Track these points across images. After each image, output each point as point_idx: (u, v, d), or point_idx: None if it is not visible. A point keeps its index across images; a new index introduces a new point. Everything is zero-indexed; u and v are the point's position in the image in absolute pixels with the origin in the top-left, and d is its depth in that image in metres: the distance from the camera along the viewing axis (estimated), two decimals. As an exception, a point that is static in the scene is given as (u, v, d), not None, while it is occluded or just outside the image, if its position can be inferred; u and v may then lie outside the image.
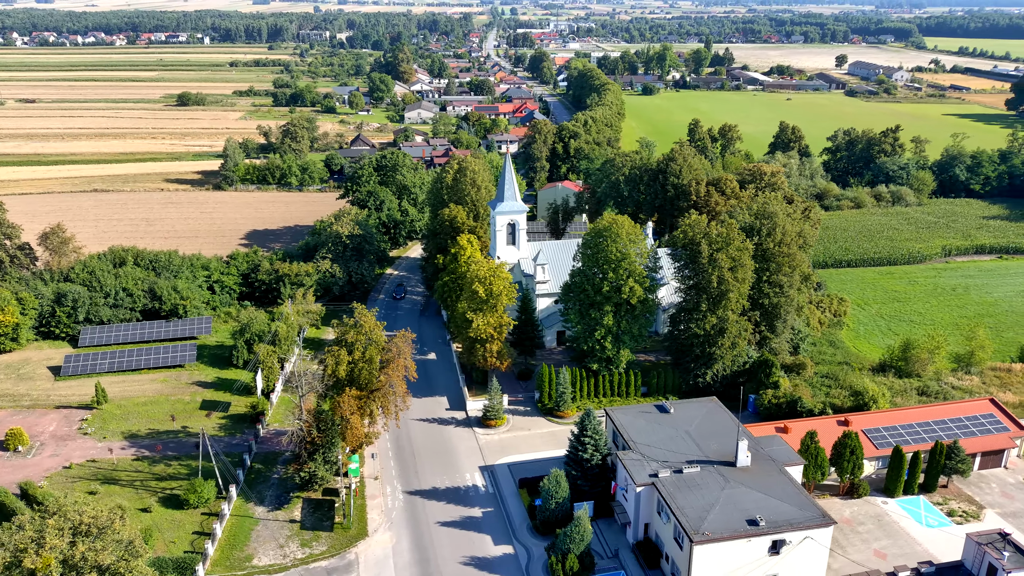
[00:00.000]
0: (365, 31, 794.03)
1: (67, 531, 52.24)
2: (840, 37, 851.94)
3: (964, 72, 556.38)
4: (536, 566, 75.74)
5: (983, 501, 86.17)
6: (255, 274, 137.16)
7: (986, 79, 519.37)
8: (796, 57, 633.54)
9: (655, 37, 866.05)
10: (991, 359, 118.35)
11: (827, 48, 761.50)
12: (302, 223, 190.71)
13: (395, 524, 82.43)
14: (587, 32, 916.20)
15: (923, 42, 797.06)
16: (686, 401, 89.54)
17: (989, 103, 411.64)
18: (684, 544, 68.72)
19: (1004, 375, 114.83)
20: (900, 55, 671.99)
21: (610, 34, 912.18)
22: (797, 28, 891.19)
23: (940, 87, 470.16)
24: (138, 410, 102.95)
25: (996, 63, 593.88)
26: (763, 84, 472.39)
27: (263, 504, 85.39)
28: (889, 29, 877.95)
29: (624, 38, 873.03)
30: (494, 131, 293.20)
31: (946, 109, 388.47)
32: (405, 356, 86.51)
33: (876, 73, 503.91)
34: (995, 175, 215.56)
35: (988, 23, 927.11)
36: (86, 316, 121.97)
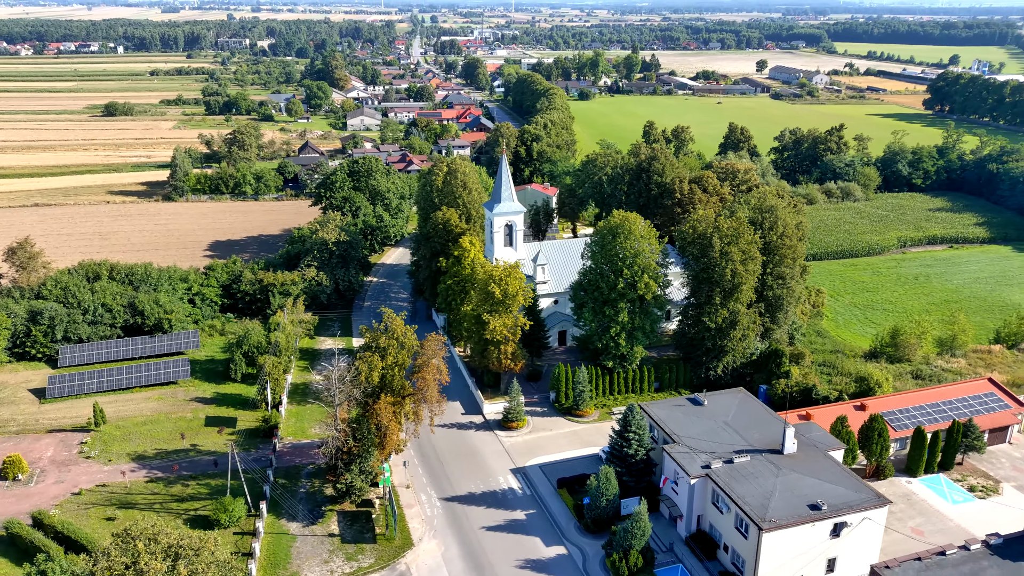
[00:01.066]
0: (287, 39, 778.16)
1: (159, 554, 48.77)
2: (755, 43, 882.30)
3: (877, 75, 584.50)
4: (593, 564, 75.11)
5: (997, 476, 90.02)
6: (237, 285, 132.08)
7: (898, 81, 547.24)
8: (718, 63, 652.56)
9: (579, 44, 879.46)
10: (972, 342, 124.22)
11: (744, 54, 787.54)
12: (266, 232, 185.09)
13: (439, 532, 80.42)
14: (512, 39, 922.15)
15: (833, 47, 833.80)
16: (717, 393, 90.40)
17: (906, 103, 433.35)
18: (750, 533, 69.30)
19: (987, 356, 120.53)
20: (814, 59, 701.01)
21: (535, 41, 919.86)
22: (714, 35, 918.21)
23: (858, 89, 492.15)
24: (139, 430, 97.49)
25: (904, 66, 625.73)
26: (693, 89, 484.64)
27: (296, 520, 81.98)
28: (800, 35, 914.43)
29: (549, 45, 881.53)
30: (444, 136, 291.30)
31: (868, 109, 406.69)
32: (437, 360, 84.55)
33: (797, 77, 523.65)
34: (934, 170, 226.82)
35: (889, 29, 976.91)
36: (64, 334, 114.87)
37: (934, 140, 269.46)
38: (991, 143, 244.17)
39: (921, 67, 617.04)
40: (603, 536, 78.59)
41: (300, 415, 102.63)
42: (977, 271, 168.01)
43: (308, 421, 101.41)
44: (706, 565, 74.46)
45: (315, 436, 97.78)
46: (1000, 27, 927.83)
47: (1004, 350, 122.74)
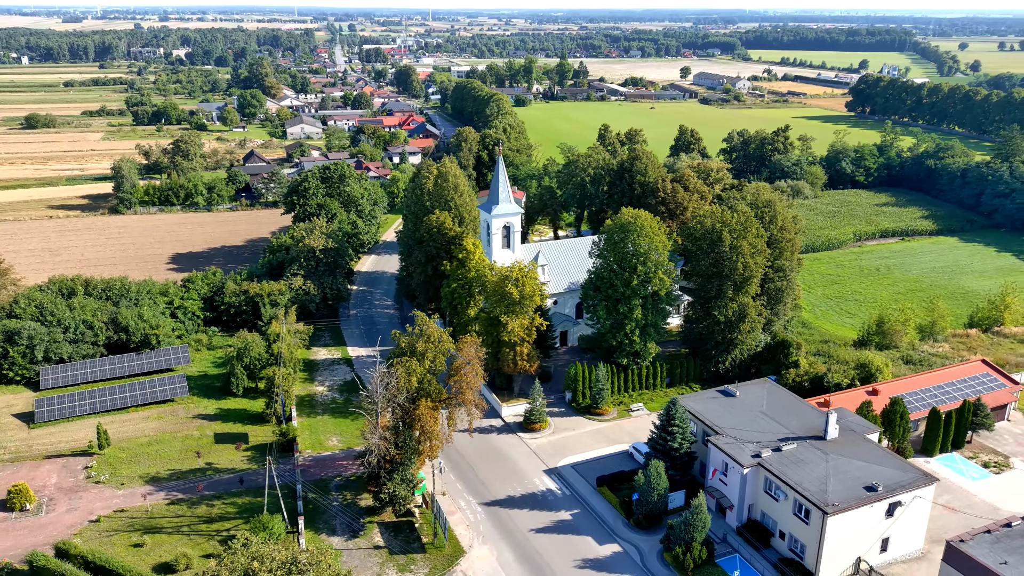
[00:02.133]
0: (204, 47, 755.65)
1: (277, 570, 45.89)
2: (673, 51, 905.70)
3: (794, 80, 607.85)
4: (651, 560, 74.91)
5: (1005, 451, 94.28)
6: (219, 297, 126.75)
7: (814, 85, 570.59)
8: (643, 70, 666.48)
9: (503, 52, 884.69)
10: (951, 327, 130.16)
11: (665, 61, 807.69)
12: (228, 243, 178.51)
13: (488, 537, 78.79)
14: (436, 47, 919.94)
15: (748, 54, 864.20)
16: (745, 384, 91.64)
17: (828, 106, 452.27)
18: (812, 518, 70.37)
19: (966, 340, 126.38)
20: (732, 66, 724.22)
21: (459, 49, 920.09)
22: (634, 43, 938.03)
23: (780, 93, 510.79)
24: (145, 451, 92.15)
25: (819, 71, 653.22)
26: (624, 95, 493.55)
27: (336, 534, 78.92)
28: (716, 43, 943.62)
29: (474, 53, 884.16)
30: (393, 143, 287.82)
31: (793, 113, 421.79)
32: (475, 362, 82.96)
33: (721, 83, 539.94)
34: (875, 167, 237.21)
35: (798, 36, 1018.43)
36: (44, 354, 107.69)
37: (860, 140, 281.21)
38: (927, 141, 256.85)
39: (834, 72, 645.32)
40: (653, 531, 78.58)
41: (313, 427, 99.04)
42: (932, 261, 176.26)
43: (323, 433, 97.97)
44: (763, 553, 75.27)
45: (334, 448, 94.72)
46: (899, 34, 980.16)
47: (980, 333, 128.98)
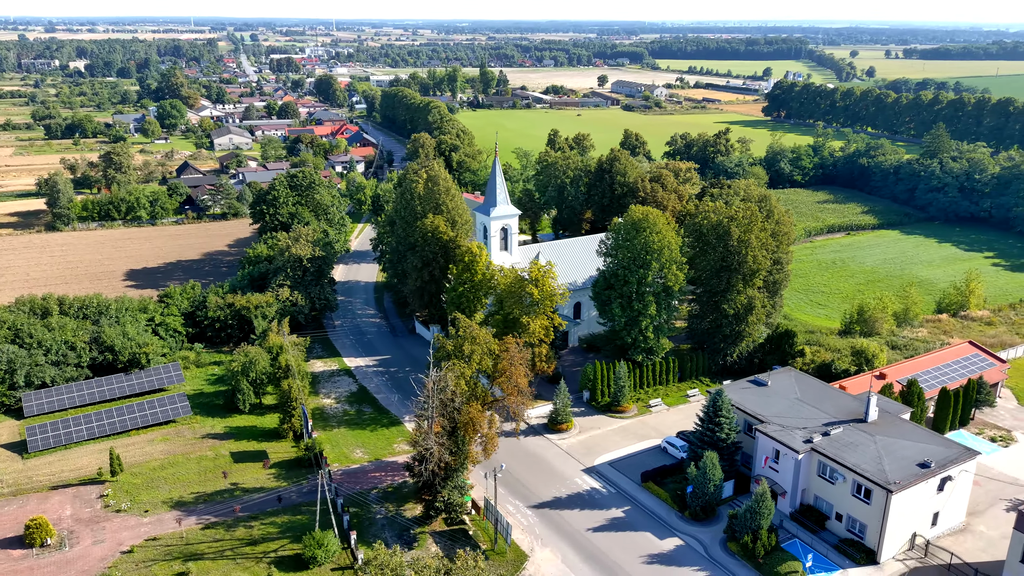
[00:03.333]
0: (104, 58, 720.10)
1: None
2: (585, 61, 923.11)
3: (705, 87, 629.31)
4: (715, 550, 75.29)
5: (1006, 426, 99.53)
6: (201, 312, 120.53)
7: (725, 92, 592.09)
8: (560, 79, 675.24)
9: (416, 62, 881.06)
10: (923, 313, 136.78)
11: (578, 70, 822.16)
12: (185, 257, 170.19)
13: (546, 540, 77.42)
14: (348, 57, 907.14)
15: (656, 63, 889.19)
16: (772, 373, 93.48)
17: (744, 111, 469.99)
18: (874, 497, 72.23)
19: (939, 324, 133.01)
20: (643, 75, 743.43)
21: (370, 59, 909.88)
22: (546, 53, 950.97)
23: (696, 100, 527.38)
24: (161, 475, 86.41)
25: (727, 79, 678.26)
26: (549, 103, 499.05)
27: (389, 547, 75.81)
28: (624, 53, 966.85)
29: (387, 63, 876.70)
30: (334, 152, 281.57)
31: (713, 118, 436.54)
32: (523, 363, 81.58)
33: (639, 90, 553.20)
34: (811, 167, 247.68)
35: (701, 46, 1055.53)
36: (26, 380, 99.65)
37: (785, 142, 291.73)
38: (857, 141, 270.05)
39: (741, 79, 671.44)
40: (709, 523, 79.06)
41: (333, 441, 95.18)
42: (881, 253, 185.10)
43: (345, 446, 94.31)
44: (820, 536, 76.75)
45: (361, 460, 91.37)
46: (795, 43, 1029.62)
47: (950, 318, 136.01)
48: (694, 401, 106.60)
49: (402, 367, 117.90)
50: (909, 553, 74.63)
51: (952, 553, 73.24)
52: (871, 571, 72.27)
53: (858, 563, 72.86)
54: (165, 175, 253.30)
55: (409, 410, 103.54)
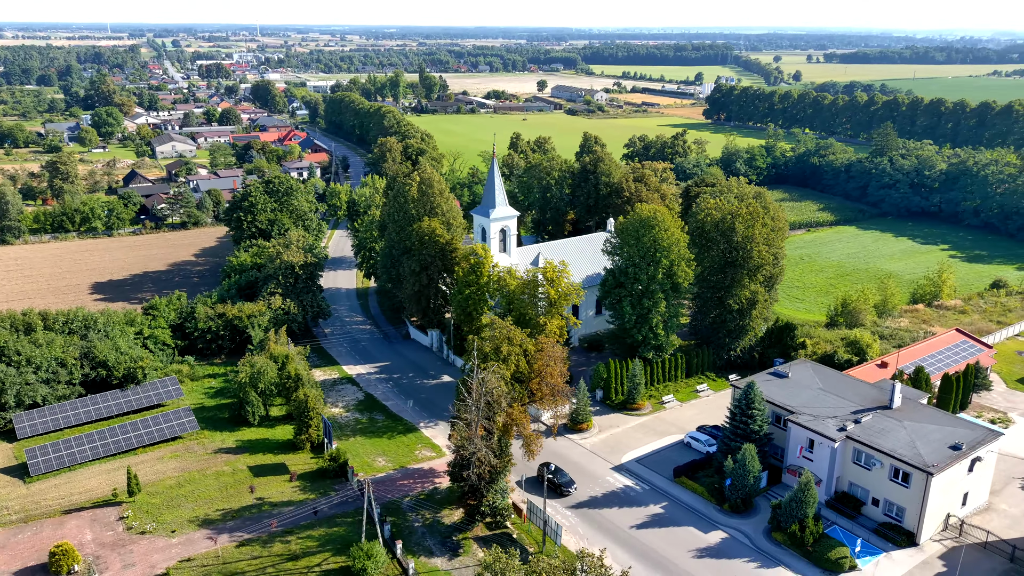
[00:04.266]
0: (22, 65, 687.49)
1: None
2: (520, 66, 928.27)
3: (642, 92, 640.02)
4: (760, 540, 76.10)
5: (1001, 408, 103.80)
6: (190, 323, 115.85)
7: (662, 96, 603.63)
8: (499, 84, 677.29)
9: (350, 68, 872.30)
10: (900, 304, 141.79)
11: (515, 76, 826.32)
12: (150, 269, 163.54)
13: (592, 539, 76.86)
14: (279, 63, 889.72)
15: (590, 69, 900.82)
16: (791, 364, 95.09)
17: (684, 115, 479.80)
18: (913, 480, 74.20)
19: (917, 314, 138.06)
20: (579, 79, 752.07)
21: (302, 65, 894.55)
22: (481, 59, 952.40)
23: (636, 104, 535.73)
24: (179, 493, 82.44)
25: (662, 84, 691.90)
26: (493, 107, 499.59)
27: (435, 555, 74.26)
28: (558, 58, 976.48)
29: (320, 68, 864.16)
30: (288, 159, 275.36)
31: (657, 121, 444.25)
32: (558, 361, 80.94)
33: (580, 95, 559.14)
34: (765, 166, 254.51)
35: (631, 52, 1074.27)
36: (16, 399, 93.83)
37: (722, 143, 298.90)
38: (807, 141, 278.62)
39: (676, 84, 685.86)
40: (748, 515, 79.89)
41: (353, 450, 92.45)
42: (844, 248, 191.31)
43: (365, 455, 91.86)
44: (857, 522, 78.41)
45: (386, 468, 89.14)
46: (721, 49, 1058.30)
47: (925, 308, 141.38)
48: (704, 396, 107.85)
49: (404, 373, 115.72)
50: (944, 533, 76.95)
51: (988, 531, 75.80)
52: (912, 552, 74.19)
53: (900, 545, 74.71)
54: (111, 184, 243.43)
55: (423, 416, 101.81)
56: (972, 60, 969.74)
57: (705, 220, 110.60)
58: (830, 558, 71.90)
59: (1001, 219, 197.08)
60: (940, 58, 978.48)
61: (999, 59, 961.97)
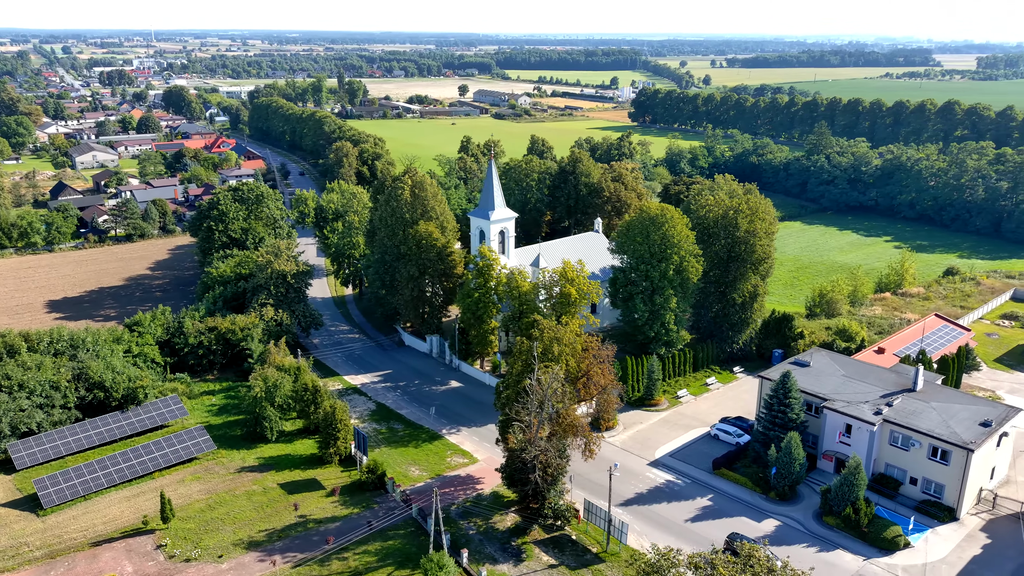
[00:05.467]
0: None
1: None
2: (435, 71, 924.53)
3: (562, 96, 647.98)
4: (813, 525, 77.90)
5: (988, 387, 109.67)
6: (179, 339, 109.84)
7: (582, 100, 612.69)
8: (417, 88, 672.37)
9: (259, 73, 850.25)
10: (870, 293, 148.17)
11: (433, 81, 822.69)
12: (106, 284, 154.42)
13: (651, 535, 76.86)
14: (183, 68, 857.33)
15: (506, 74, 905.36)
16: (809, 353, 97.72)
17: (609, 117, 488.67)
18: (953, 458, 77.46)
19: (886, 302, 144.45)
20: (496, 84, 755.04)
21: (207, 70, 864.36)
22: (395, 64, 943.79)
23: (559, 108, 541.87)
24: (213, 516, 77.89)
25: (582, 88, 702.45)
26: (420, 112, 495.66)
27: (499, 562, 72.74)
28: (472, 63, 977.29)
29: (227, 74, 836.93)
30: (224, 166, 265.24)
31: (586, 124, 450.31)
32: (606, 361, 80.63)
33: (504, 99, 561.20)
34: (707, 166, 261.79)
35: (543, 58, 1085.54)
36: (11, 427, 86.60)
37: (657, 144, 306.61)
38: (745, 141, 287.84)
39: (593, 88, 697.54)
40: (793, 502, 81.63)
41: (382, 460, 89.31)
42: (795, 243, 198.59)
43: (396, 464, 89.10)
44: (896, 501, 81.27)
45: (422, 477, 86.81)
46: (629, 54, 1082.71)
47: (892, 296, 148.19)
48: (714, 389, 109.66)
49: (410, 381, 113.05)
50: (978, 507, 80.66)
51: (1021, 502, 79.89)
52: (955, 527, 77.45)
53: (943, 521, 77.90)
54: (37, 197, 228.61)
55: (443, 423, 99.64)
56: (863, 63, 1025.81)
57: (707, 216, 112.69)
58: (886, 537, 74.23)
59: (936, 211, 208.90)
60: (834, 61, 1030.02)
61: (887, 62, 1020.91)
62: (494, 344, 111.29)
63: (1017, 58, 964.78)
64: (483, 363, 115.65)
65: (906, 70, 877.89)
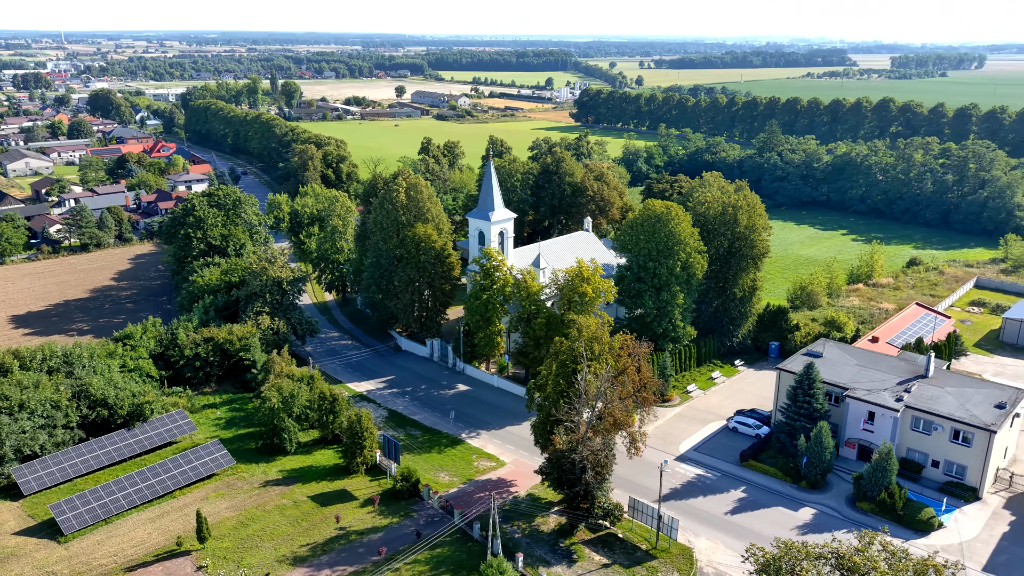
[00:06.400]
0: None
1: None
2: (367, 72, 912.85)
3: (500, 97, 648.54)
4: (848, 511, 79.98)
5: (973, 371, 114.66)
6: (173, 351, 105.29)
7: (519, 100, 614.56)
8: (353, 90, 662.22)
9: (183, 75, 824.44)
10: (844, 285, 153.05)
11: (367, 82, 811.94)
12: (71, 297, 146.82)
13: (694, 530, 77.56)
14: (102, 71, 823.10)
15: (439, 75, 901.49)
16: (817, 344, 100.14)
17: (552, 118, 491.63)
18: (975, 439, 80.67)
19: (859, 292, 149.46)
20: (430, 85, 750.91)
21: (128, 73, 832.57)
22: (325, 64, 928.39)
23: (500, 109, 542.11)
24: (249, 534, 74.86)
25: (518, 89, 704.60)
26: (360, 114, 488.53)
27: (553, 564, 72.23)
28: (404, 64, 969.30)
29: (149, 76, 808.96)
30: (171, 171, 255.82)
31: (530, 125, 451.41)
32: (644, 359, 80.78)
33: (443, 100, 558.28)
34: (663, 164, 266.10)
35: (475, 59, 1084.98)
36: (15, 450, 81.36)
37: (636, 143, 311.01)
38: (697, 140, 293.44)
39: (530, 89, 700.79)
40: (823, 490, 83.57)
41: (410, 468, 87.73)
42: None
43: (424, 470, 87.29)
44: (920, 483, 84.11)
45: (451, 483, 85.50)
46: (560, 55, 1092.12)
47: (864, 287, 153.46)
48: (720, 383, 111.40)
49: (416, 386, 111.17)
50: (995, 486, 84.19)
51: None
52: (979, 506, 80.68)
53: (968, 501, 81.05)
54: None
55: (460, 427, 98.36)
56: (784, 63, 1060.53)
57: (706, 212, 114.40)
58: (921, 519, 76.75)
59: (887, 204, 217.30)
60: (756, 62, 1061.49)
61: (806, 62, 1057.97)
62: (500, 346, 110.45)
63: (925, 58, 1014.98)
64: (488, 365, 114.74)
65: (826, 70, 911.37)
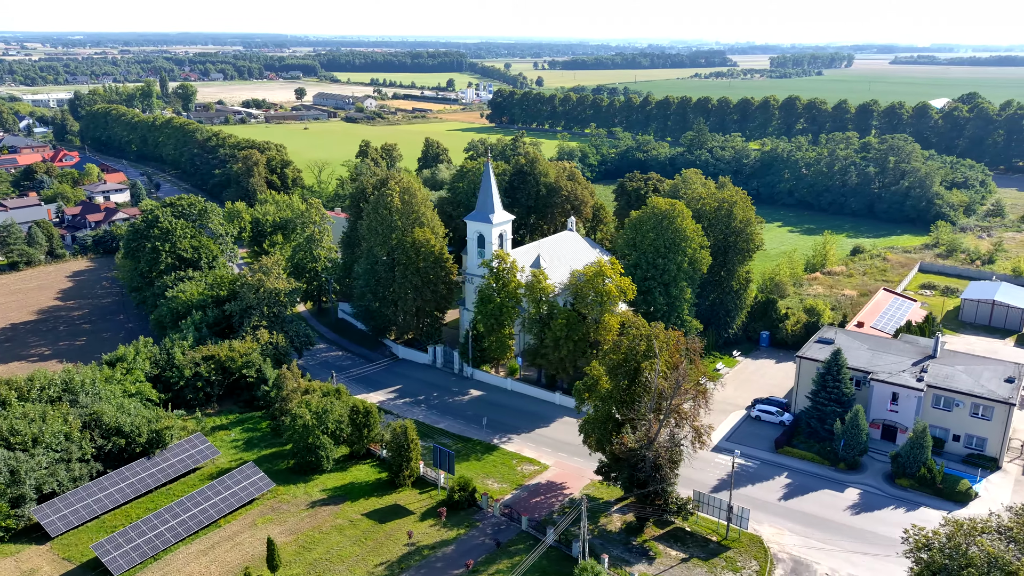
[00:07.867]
0: None
1: None
2: (256, 74, 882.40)
3: (404, 99, 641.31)
4: (890, 488, 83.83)
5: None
6: (171, 372, 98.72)
7: (424, 102, 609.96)
8: (247, 92, 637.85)
9: (57, 79, 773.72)
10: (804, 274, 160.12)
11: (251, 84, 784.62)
12: (16, 320, 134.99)
13: (756, 518, 79.20)
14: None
15: (334, 76, 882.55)
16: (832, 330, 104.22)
17: (465, 119, 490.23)
18: (995, 414, 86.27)
19: (819, 280, 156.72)
20: (326, 86, 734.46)
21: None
22: (211, 66, 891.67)
23: (407, 110, 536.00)
24: (314, 558, 71.12)
25: (421, 90, 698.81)
26: (264, 117, 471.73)
27: (633, 563, 72.35)
28: (296, 66, 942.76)
29: (18, 80, 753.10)
30: (85, 181, 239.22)
31: (445, 126, 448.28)
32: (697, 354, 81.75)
33: (348, 102, 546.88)
34: (597, 163, 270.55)
35: (368, 60, 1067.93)
36: (36, 489, 74.06)
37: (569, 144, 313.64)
38: (626, 139, 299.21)
39: (433, 91, 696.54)
40: (859, 471, 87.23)
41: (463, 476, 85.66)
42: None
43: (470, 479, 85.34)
44: (944, 457, 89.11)
45: (502, 490, 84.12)
46: (455, 56, 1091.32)
47: (821, 275, 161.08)
48: (725, 373, 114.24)
49: (428, 394, 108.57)
50: (1011, 455, 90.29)
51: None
52: (1001, 476, 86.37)
53: (992, 470, 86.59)
54: None
55: (490, 433, 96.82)
56: (671, 64, 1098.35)
57: (701, 208, 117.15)
58: (960, 491, 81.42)
59: (814, 196, 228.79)
60: (645, 63, 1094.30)
61: (691, 63, 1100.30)
62: (511, 349, 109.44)
63: (801, 58, 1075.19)
64: (498, 369, 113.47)
65: (711, 70, 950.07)
